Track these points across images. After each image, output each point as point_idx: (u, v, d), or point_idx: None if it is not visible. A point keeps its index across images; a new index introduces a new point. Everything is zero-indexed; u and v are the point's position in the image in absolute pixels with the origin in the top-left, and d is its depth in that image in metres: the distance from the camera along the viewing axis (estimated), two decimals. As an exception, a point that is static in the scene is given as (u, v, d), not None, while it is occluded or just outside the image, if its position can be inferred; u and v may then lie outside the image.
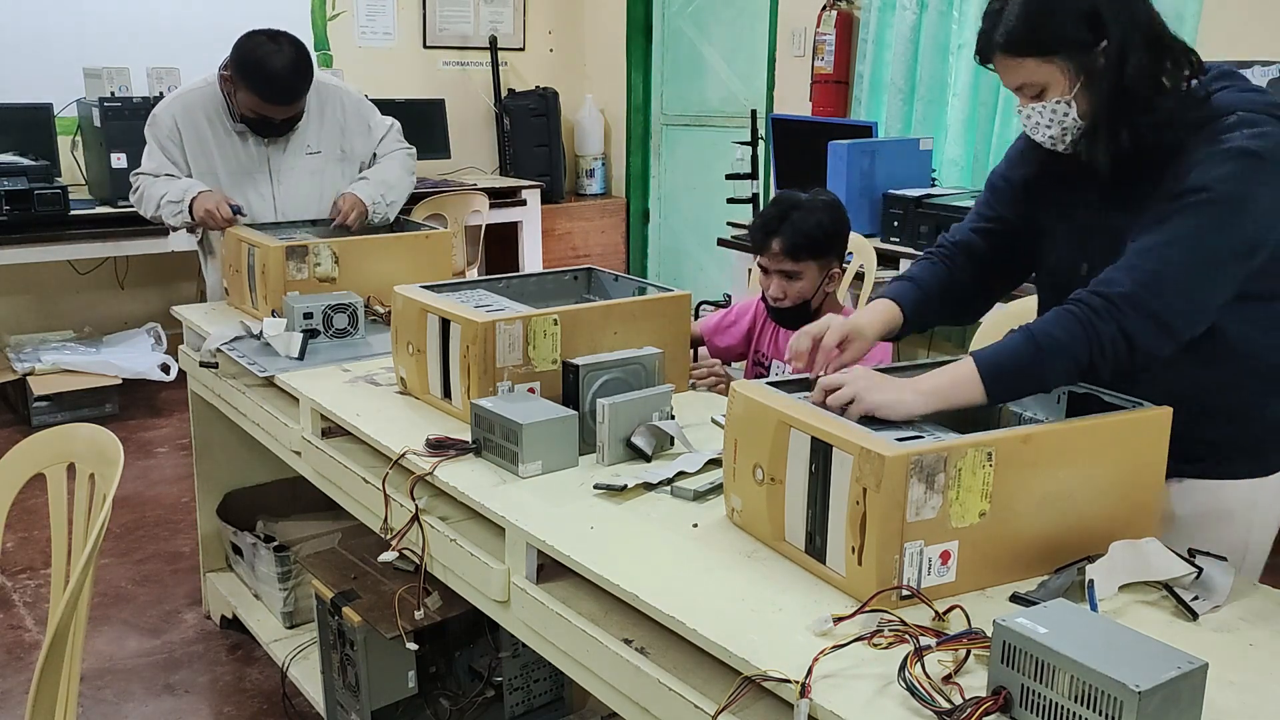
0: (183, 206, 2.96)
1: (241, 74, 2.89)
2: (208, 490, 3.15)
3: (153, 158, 3.06)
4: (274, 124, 3.00)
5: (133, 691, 2.83)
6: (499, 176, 6.33)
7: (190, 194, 2.96)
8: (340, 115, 3.16)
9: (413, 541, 1.86)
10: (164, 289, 5.46)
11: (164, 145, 3.04)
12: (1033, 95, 1.66)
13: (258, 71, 2.87)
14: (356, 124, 3.19)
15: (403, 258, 2.90)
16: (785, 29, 5.52)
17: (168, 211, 2.99)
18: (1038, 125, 1.68)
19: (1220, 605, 1.42)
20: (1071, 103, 1.63)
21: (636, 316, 2.18)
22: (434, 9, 6.24)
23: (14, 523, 2.97)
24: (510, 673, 2.36)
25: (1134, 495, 1.52)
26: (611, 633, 1.50)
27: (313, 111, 3.09)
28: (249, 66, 2.87)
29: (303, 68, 2.91)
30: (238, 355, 2.55)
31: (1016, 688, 1.14)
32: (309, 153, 3.13)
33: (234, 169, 3.06)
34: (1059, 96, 1.64)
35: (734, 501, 1.62)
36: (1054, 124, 1.67)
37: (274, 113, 2.96)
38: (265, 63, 2.86)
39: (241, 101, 2.95)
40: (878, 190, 4.27)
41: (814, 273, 2.46)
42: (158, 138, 3.05)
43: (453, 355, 2.08)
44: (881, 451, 1.34)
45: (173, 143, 3.04)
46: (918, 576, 1.38)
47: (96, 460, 1.78)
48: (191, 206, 2.95)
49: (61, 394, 4.67)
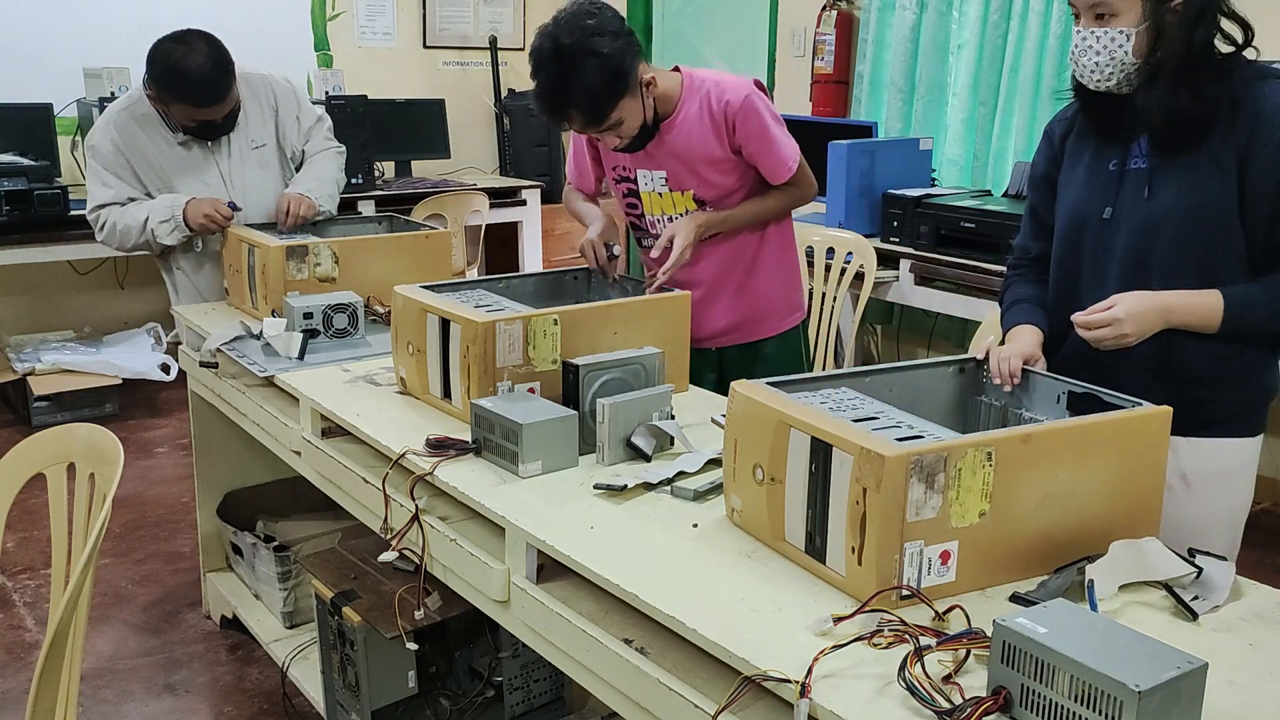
0: (176, 220, 2.89)
1: (165, 87, 2.79)
2: (208, 490, 3.15)
3: (110, 185, 2.94)
4: (215, 125, 2.92)
5: (133, 691, 2.83)
6: (499, 176, 6.32)
7: (178, 206, 2.89)
8: (274, 103, 3.07)
9: (413, 541, 1.86)
10: (164, 289, 5.43)
11: (116, 171, 2.94)
12: (1097, 17, 1.77)
13: (178, 79, 2.76)
14: (287, 114, 3.09)
15: (403, 258, 2.90)
16: (785, 29, 5.53)
17: (161, 231, 2.89)
18: (1089, 49, 1.79)
19: (1220, 605, 1.42)
20: (1130, 37, 1.75)
21: (636, 316, 2.18)
22: (434, 9, 6.24)
23: (14, 523, 2.96)
24: (510, 673, 2.36)
25: (1134, 494, 1.52)
26: (611, 633, 1.50)
27: (248, 104, 3.01)
28: (168, 76, 2.77)
29: (221, 62, 2.80)
30: (238, 355, 2.55)
31: (1016, 688, 1.14)
32: (254, 147, 3.04)
33: (187, 180, 2.96)
34: (1124, 27, 1.75)
35: (734, 501, 1.62)
36: (1104, 51, 1.77)
37: (210, 114, 2.87)
38: (181, 67, 2.75)
39: (176, 114, 2.86)
40: (878, 190, 4.28)
41: (630, 108, 2.28)
42: (106, 165, 2.93)
43: (453, 355, 2.08)
44: (881, 451, 1.34)
45: (121, 166, 2.94)
46: (918, 576, 1.38)
47: (96, 460, 1.78)
48: (185, 217, 2.89)
49: (61, 394, 4.67)
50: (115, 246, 3.01)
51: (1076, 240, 1.93)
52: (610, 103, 2.24)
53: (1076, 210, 1.93)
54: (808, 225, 4.20)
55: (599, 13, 2.23)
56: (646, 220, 2.55)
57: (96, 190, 2.97)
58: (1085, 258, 1.91)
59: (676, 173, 2.45)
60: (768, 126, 2.40)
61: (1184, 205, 1.79)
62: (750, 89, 2.39)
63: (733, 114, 2.37)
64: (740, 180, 2.47)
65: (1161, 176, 1.81)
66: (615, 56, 2.20)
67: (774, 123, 2.42)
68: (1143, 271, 1.84)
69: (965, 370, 1.80)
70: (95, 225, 3.00)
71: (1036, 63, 4.38)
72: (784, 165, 2.44)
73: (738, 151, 2.42)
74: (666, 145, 2.42)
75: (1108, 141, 1.88)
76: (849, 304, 4.12)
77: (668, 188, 2.48)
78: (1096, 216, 1.88)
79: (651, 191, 2.50)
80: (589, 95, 2.22)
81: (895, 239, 4.17)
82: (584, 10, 2.22)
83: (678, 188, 2.47)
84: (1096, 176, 1.90)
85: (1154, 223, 1.82)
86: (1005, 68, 4.52)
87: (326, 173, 3.12)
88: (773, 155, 2.43)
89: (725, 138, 2.40)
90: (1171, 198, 1.80)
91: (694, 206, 2.47)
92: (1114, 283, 1.86)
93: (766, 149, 2.41)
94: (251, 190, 3.05)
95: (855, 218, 4.28)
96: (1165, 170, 1.81)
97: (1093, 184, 1.90)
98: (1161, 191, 1.82)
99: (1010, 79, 4.50)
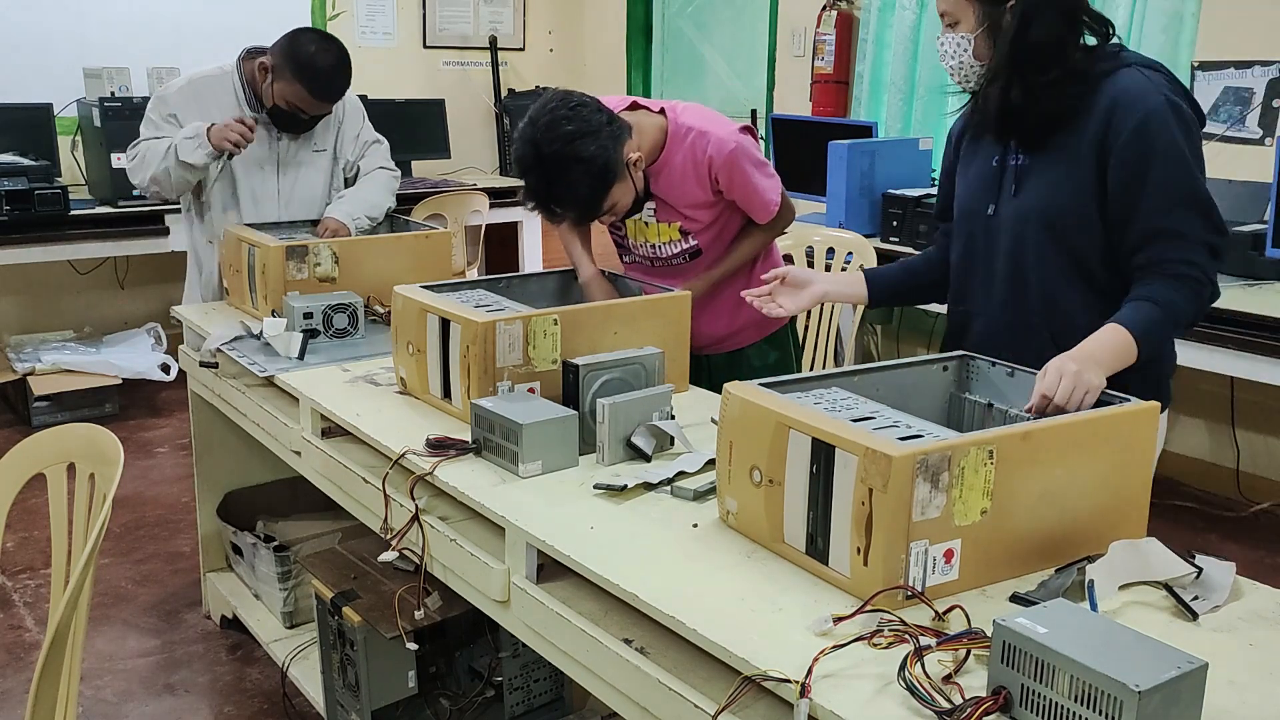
0: (201, 138, 2.91)
1: (294, 67, 2.91)
2: (208, 490, 3.15)
3: (160, 129, 3.01)
4: (301, 120, 3.03)
5: (133, 691, 2.83)
6: (499, 176, 6.32)
7: (201, 128, 2.92)
8: (341, 116, 3.19)
9: (413, 541, 1.86)
10: (164, 289, 5.46)
11: (168, 122, 3.01)
12: (949, 24, 1.87)
13: (310, 66, 2.91)
14: (350, 128, 3.22)
15: (403, 258, 2.90)
16: (785, 29, 5.53)
17: (186, 149, 2.91)
18: (945, 54, 1.90)
19: (1220, 605, 1.42)
20: (970, 41, 1.84)
21: (636, 316, 2.18)
22: (434, 9, 6.24)
23: (14, 523, 2.97)
24: (510, 673, 2.36)
25: (1127, 488, 1.54)
26: (611, 633, 1.50)
27: None
28: (302, 60, 2.90)
29: (347, 70, 2.99)
30: (238, 355, 2.55)
31: (1016, 688, 1.14)
32: (315, 150, 3.16)
33: (244, 158, 3.04)
34: (965, 32, 1.85)
35: (729, 504, 1.61)
36: (953, 56, 1.89)
37: (313, 108, 2.99)
38: (317, 59, 2.91)
39: (280, 91, 2.95)
40: (877, 190, 4.28)
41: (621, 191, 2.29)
42: (166, 112, 3.02)
43: (453, 355, 2.08)
44: (888, 452, 1.34)
45: (185, 113, 3.00)
46: (923, 575, 1.38)
47: (96, 460, 1.78)
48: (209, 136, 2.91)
49: (61, 394, 4.67)
50: (138, 179, 3.05)
51: (966, 235, 2.00)
52: (600, 200, 2.27)
53: (965, 205, 2.00)
54: (808, 225, 4.21)
55: (574, 114, 2.19)
56: (630, 242, 2.60)
57: (144, 130, 3.05)
58: (977, 252, 1.98)
59: (663, 209, 2.49)
60: (750, 178, 2.43)
61: (1043, 202, 1.85)
62: (736, 142, 2.39)
63: (716, 168, 2.40)
64: (725, 214, 2.53)
65: (1028, 174, 1.87)
66: (599, 158, 2.20)
67: (757, 170, 2.45)
68: (1020, 269, 1.90)
69: (949, 368, 1.81)
70: (128, 158, 3.06)
71: (1036, 63, 4.38)
72: (767, 209, 2.51)
73: (720, 194, 2.46)
74: (652, 187, 2.45)
75: (993, 139, 1.94)
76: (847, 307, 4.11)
77: (654, 219, 2.52)
78: (982, 211, 1.95)
79: (638, 219, 2.53)
80: (577, 201, 2.25)
81: (895, 239, 4.17)
82: (560, 116, 2.19)
83: (664, 220, 2.51)
84: (981, 173, 1.96)
85: (1023, 220, 1.88)
86: (1005, 68, 4.52)
87: (373, 196, 3.18)
88: (756, 200, 2.48)
89: (709, 185, 2.44)
90: (1033, 195, 1.87)
91: (678, 237, 2.52)
92: (1000, 280, 1.92)
93: (750, 196, 2.47)
94: (300, 187, 3.14)
95: (855, 218, 4.28)
96: (1032, 167, 1.87)
97: (978, 180, 1.97)
98: (1026, 188, 1.88)
99: (1010, 79, 4.49)
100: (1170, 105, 1.78)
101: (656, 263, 2.58)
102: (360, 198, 3.15)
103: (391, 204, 3.25)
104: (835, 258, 3.93)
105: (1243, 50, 3.81)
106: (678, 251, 2.54)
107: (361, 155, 3.23)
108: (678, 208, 2.47)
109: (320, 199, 3.17)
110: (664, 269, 2.58)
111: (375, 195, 3.18)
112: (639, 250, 2.59)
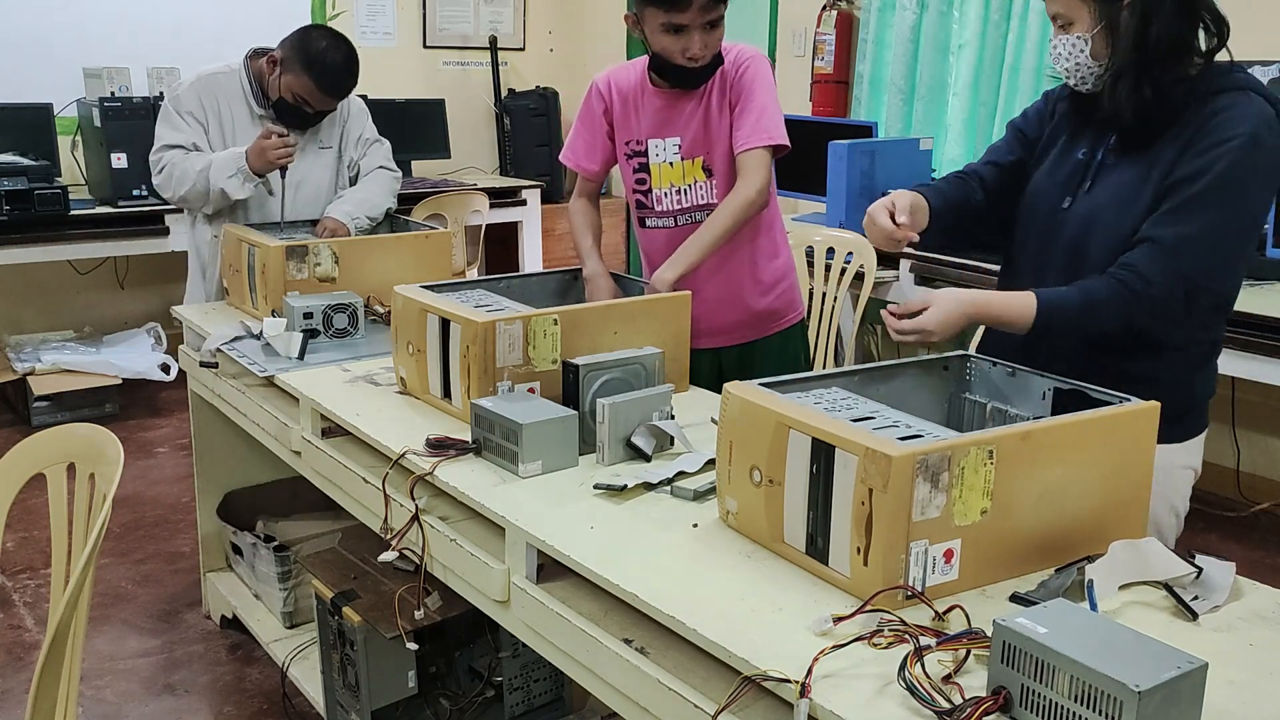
0: (244, 172, 2.94)
1: (304, 60, 2.94)
2: (208, 490, 3.15)
3: (180, 130, 3.03)
4: (308, 115, 3.05)
5: (133, 691, 2.83)
6: (499, 176, 6.33)
7: (240, 158, 2.95)
8: (346, 116, 3.21)
9: (413, 541, 1.86)
10: (164, 289, 5.46)
11: (191, 111, 3.03)
12: (1061, 26, 1.83)
13: (320, 60, 2.94)
14: (354, 128, 3.24)
15: (403, 258, 2.90)
16: (785, 29, 5.53)
17: (231, 186, 2.94)
18: (1059, 56, 1.85)
19: (1220, 605, 1.42)
20: (1088, 41, 1.79)
21: (636, 316, 2.18)
22: (434, 9, 6.24)
23: (14, 523, 2.97)
24: (510, 673, 2.36)
25: (1127, 488, 1.54)
26: (611, 633, 1.50)
27: None
28: (312, 54, 2.94)
29: (355, 68, 3.02)
30: (238, 355, 2.55)
31: (1016, 688, 1.14)
32: (321, 147, 3.17)
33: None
34: (1080, 33, 1.80)
35: (728, 504, 1.62)
36: (1070, 57, 1.83)
37: (319, 102, 3.01)
38: (327, 54, 2.94)
39: (288, 84, 2.97)
40: (878, 190, 4.27)
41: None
42: (183, 109, 3.04)
43: (453, 355, 2.08)
44: (888, 452, 1.34)
45: (199, 112, 3.05)
46: (923, 575, 1.38)
47: (96, 460, 1.78)
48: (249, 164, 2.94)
49: (61, 394, 4.67)
50: (169, 194, 3.07)
51: (1033, 222, 1.96)
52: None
53: (1041, 193, 1.96)
54: (808, 225, 4.21)
55: None
56: (653, 195, 2.57)
57: (165, 133, 3.06)
58: (1041, 239, 1.95)
59: (693, 138, 2.49)
60: (763, 89, 2.45)
61: (1113, 201, 1.82)
62: (763, 55, 2.50)
63: (741, 64, 2.45)
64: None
65: (1107, 171, 1.85)
66: None
67: (771, 90, 2.47)
68: (1076, 262, 1.86)
69: (949, 368, 1.81)
70: (154, 168, 3.07)
71: (1036, 63, 4.38)
72: (768, 131, 2.43)
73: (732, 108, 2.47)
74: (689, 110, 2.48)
75: (1081, 131, 1.91)
76: (849, 304, 4.12)
77: (679, 156, 2.51)
78: (1058, 204, 1.91)
79: (662, 162, 2.53)
80: None
81: (895, 239, 4.16)
82: None
83: (690, 155, 2.51)
84: (1061, 165, 1.93)
85: (1091, 214, 1.86)
86: (1005, 68, 4.52)
87: (373, 197, 3.19)
88: (763, 118, 2.43)
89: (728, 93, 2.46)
90: (1104, 193, 1.84)
91: (703, 176, 2.51)
92: (1055, 270, 1.89)
93: (759, 111, 2.43)
94: (304, 183, 3.14)
95: (855, 218, 4.26)
96: (1113, 166, 1.84)
97: (1057, 171, 1.94)
98: (1099, 186, 1.85)
99: (1010, 79, 4.50)
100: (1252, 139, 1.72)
101: (680, 219, 2.55)
102: (360, 198, 3.15)
103: (392, 204, 3.26)
104: (835, 258, 3.93)
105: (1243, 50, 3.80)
106: (702, 204, 2.52)
107: (363, 154, 3.25)
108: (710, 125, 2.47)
109: (326, 195, 3.18)
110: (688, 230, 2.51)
111: (375, 195, 3.19)
112: (662, 204, 2.56)
